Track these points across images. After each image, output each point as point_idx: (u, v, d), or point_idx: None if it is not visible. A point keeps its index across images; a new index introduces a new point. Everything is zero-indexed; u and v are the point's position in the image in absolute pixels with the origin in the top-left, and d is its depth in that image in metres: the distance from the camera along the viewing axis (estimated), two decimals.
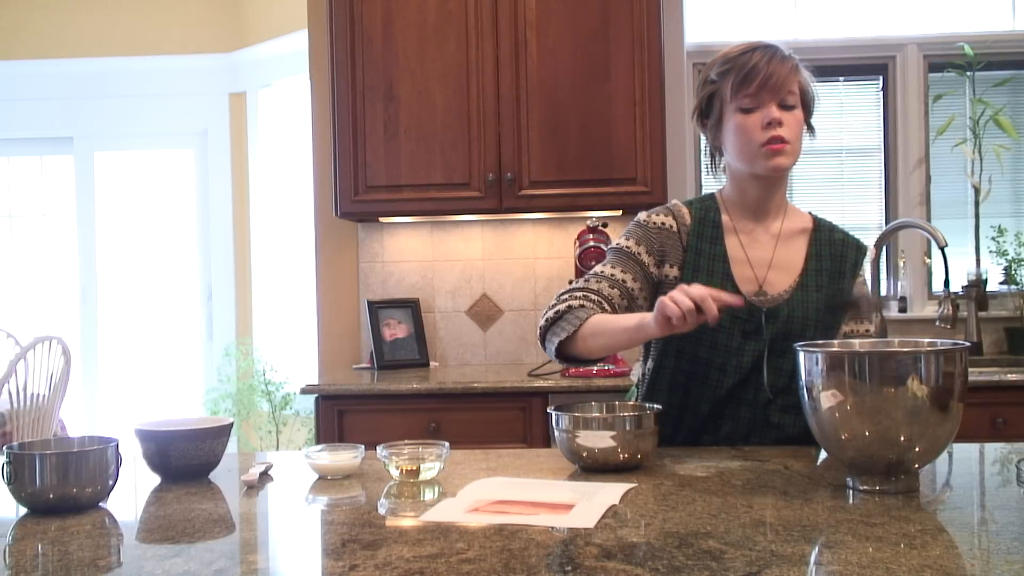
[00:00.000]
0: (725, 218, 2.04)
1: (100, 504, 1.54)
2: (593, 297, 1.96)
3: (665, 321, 1.71)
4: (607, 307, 1.95)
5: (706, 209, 2.04)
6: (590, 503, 1.46)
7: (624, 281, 1.99)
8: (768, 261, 2.01)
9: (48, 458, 1.49)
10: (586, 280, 2.01)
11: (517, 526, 1.33)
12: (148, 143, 5.76)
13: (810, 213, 2.11)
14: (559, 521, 1.36)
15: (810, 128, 2.03)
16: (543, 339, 1.98)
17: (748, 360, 1.94)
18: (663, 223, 2.02)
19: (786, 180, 2.05)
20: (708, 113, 2.01)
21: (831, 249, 2.05)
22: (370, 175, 3.58)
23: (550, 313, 1.96)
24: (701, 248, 2.00)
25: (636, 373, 2.08)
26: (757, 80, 1.90)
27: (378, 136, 3.58)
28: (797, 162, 1.99)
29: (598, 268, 2.02)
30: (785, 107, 1.93)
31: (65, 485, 1.48)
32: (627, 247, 2.02)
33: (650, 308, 1.97)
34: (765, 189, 2.01)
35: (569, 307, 1.94)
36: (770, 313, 1.97)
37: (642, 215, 2.06)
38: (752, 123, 1.92)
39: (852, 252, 2.07)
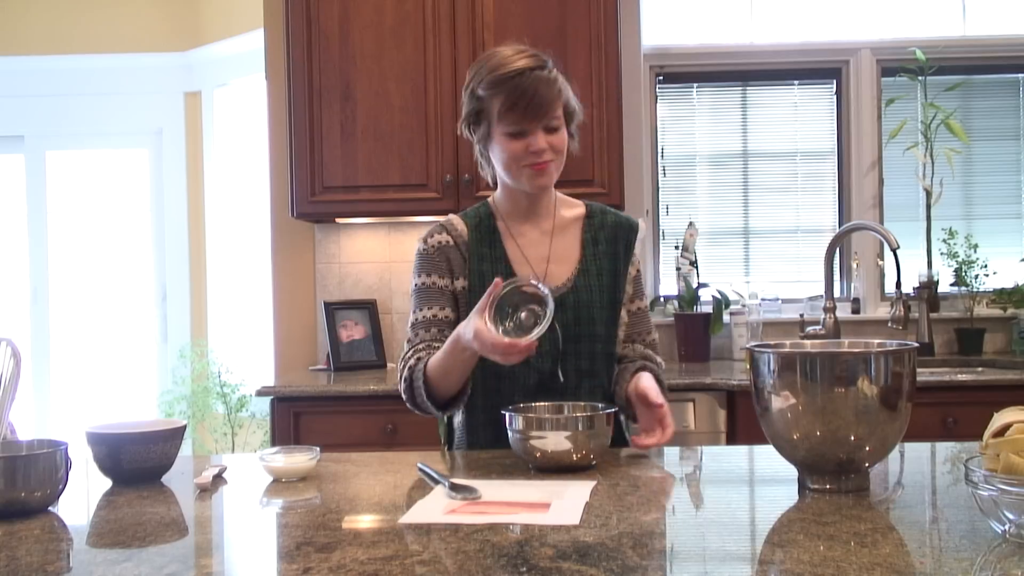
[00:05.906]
0: (500, 224, 2.09)
1: (49, 508, 1.52)
2: (423, 350, 2.00)
3: (489, 354, 1.77)
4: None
5: (480, 217, 2.10)
6: (564, 501, 1.47)
7: (437, 316, 2.04)
8: (546, 256, 2.08)
9: None
10: (410, 340, 2.04)
11: (473, 527, 1.33)
12: (102, 142, 5.68)
13: (583, 201, 2.18)
14: (543, 519, 1.36)
15: (571, 135, 2.05)
16: (414, 407, 2.01)
17: (547, 348, 1.98)
18: (440, 242, 2.07)
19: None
20: (477, 124, 2.02)
21: (605, 232, 2.12)
22: (327, 175, 3.56)
23: (403, 384, 2.00)
24: (483, 253, 2.06)
25: None
26: (523, 108, 1.93)
27: (335, 136, 3.56)
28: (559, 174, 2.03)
29: (412, 318, 2.07)
30: (550, 129, 1.96)
31: (13, 489, 1.46)
32: (422, 283, 2.07)
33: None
34: (534, 197, 2.07)
35: (411, 369, 1.97)
36: (557, 303, 2.00)
37: (419, 243, 2.10)
38: (518, 148, 1.96)
39: (624, 232, 2.14)
